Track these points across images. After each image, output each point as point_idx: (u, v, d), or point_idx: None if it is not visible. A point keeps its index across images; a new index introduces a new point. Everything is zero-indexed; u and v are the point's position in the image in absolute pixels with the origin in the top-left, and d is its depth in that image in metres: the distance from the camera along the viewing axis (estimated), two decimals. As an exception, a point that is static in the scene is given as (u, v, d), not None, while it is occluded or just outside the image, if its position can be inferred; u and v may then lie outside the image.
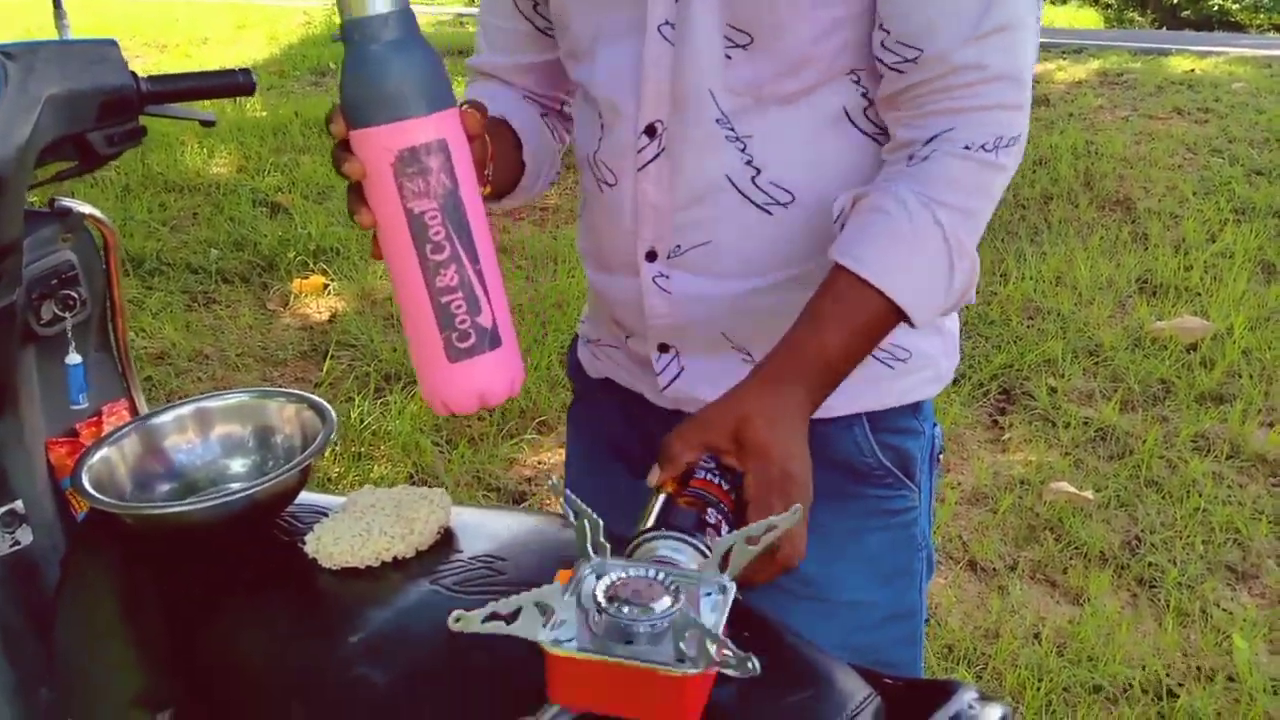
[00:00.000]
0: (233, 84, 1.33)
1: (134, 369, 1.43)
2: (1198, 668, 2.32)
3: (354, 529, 1.00)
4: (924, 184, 0.97)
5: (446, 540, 1.03)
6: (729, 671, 0.83)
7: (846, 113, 1.07)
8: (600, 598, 0.78)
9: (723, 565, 0.83)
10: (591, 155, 1.18)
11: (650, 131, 1.10)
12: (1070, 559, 2.64)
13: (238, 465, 1.14)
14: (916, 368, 1.18)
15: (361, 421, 3.10)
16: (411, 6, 0.89)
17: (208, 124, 1.44)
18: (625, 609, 0.76)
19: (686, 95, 1.08)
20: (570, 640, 0.77)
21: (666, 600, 0.77)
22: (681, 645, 0.75)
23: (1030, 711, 2.17)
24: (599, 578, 0.80)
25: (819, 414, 1.09)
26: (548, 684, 0.78)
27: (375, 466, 2.94)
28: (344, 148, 0.90)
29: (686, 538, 0.85)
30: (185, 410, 1.15)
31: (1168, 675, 2.29)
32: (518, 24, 1.25)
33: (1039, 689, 2.22)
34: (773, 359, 0.96)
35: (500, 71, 1.29)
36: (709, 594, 0.81)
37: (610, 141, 1.14)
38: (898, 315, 0.96)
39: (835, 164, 1.08)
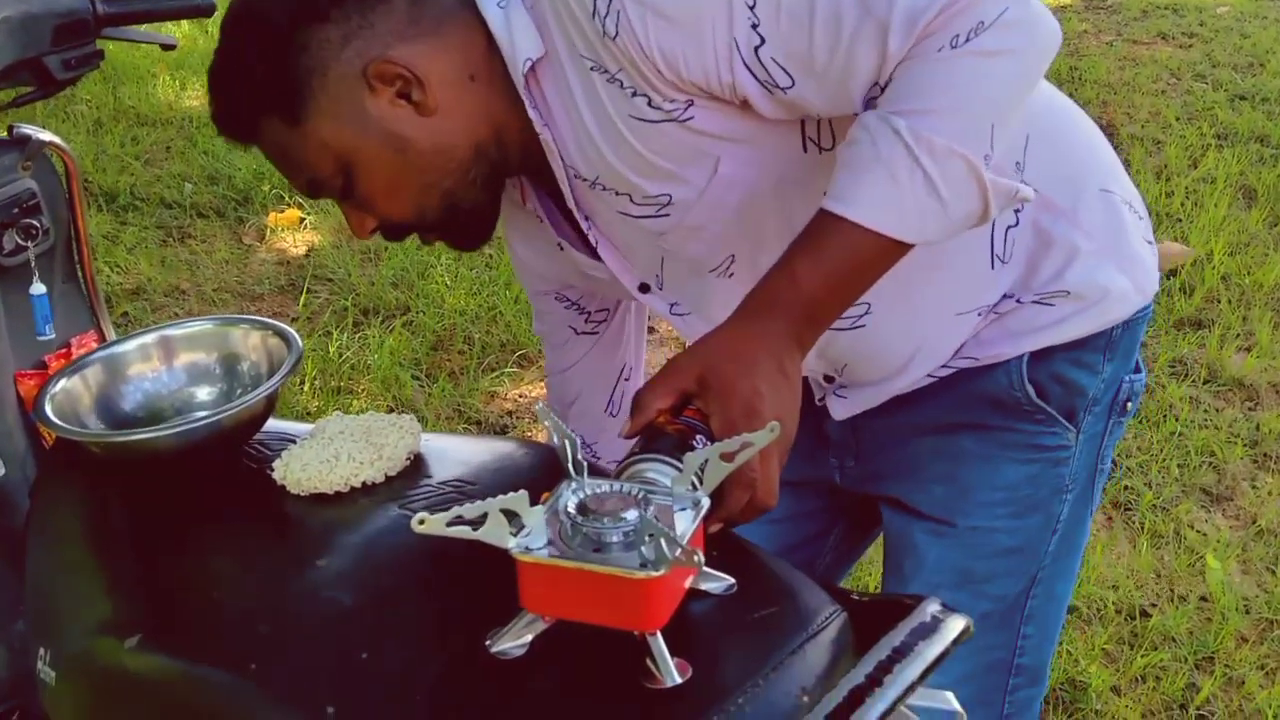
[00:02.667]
0: (191, 5, 1.31)
1: (101, 299, 1.41)
2: (1171, 588, 2.35)
3: (322, 455, 0.99)
4: (885, 101, 0.94)
5: (416, 466, 1.03)
6: (706, 587, 0.84)
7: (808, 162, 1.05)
8: (571, 509, 0.79)
9: (699, 481, 0.84)
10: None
11: None
12: (1047, 483, 2.66)
13: (204, 393, 1.13)
14: (1081, 300, 1.13)
15: (340, 355, 3.09)
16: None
17: (168, 47, 1.41)
18: (592, 519, 0.77)
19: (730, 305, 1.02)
20: (540, 548, 0.78)
21: (635, 512, 0.78)
22: (644, 551, 0.76)
23: (1005, 632, 2.20)
24: (575, 493, 0.81)
25: (977, 357, 1.15)
26: (519, 592, 0.78)
27: (355, 401, 2.93)
28: None
29: (667, 459, 0.86)
30: (148, 339, 1.13)
31: (1141, 596, 2.32)
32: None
33: (1014, 610, 2.25)
34: (747, 300, 0.96)
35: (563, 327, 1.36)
36: (683, 509, 0.82)
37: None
38: (883, 239, 0.92)
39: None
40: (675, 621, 0.77)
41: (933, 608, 0.80)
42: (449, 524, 0.75)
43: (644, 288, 1.17)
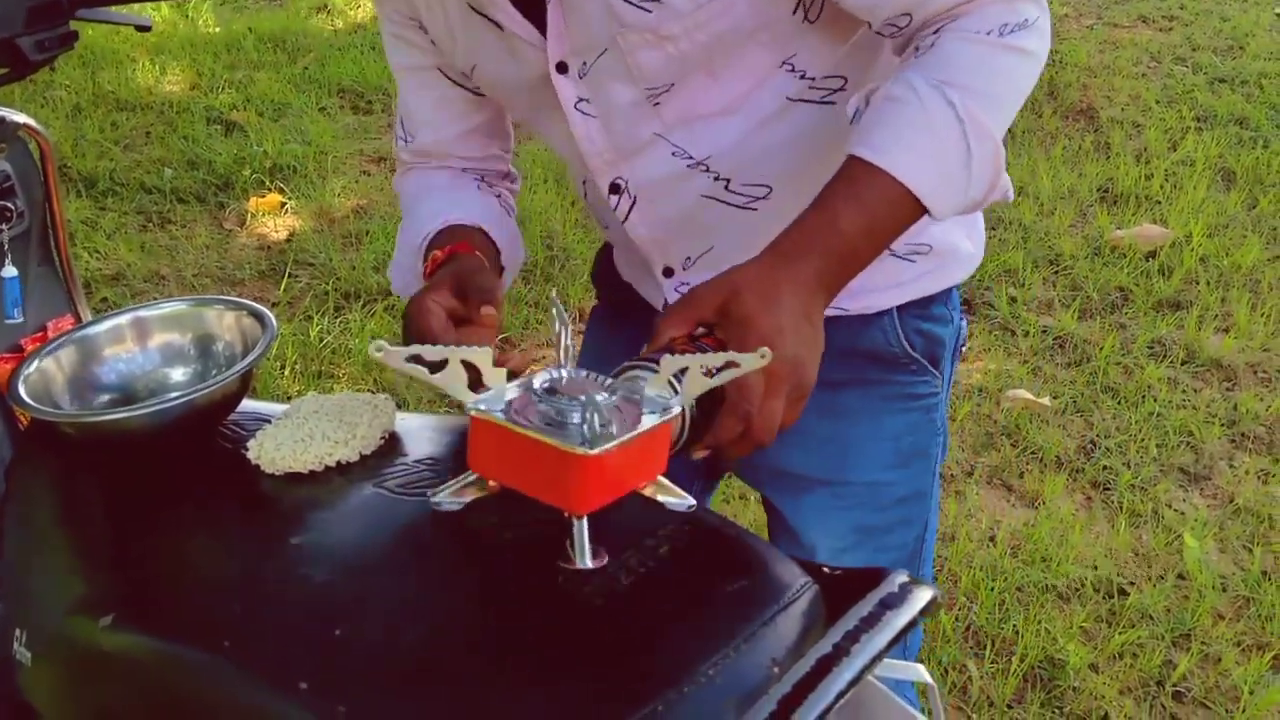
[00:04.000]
0: (165, -14, 1.30)
1: (78, 283, 1.41)
2: (1149, 567, 2.38)
3: (296, 434, 0.99)
4: (932, 68, 0.95)
5: (391, 444, 1.03)
6: (663, 499, 0.85)
7: (790, 99, 1.08)
8: (536, 385, 0.81)
9: (676, 387, 0.83)
10: (583, 199, 1.25)
11: (615, 189, 1.15)
12: (1026, 464, 2.68)
13: (179, 374, 1.13)
14: (939, 258, 1.20)
15: (321, 340, 3.08)
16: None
17: (143, 29, 1.41)
18: (556, 397, 0.79)
19: (632, 149, 1.11)
20: (496, 410, 0.80)
21: (602, 396, 0.79)
22: (585, 430, 0.77)
23: (984, 609, 2.22)
24: (552, 375, 0.83)
25: (846, 308, 1.17)
26: (468, 450, 0.82)
27: (336, 385, 2.93)
28: None
29: (653, 365, 0.85)
30: (122, 320, 1.13)
31: (1119, 574, 2.34)
32: (447, 91, 1.24)
33: (993, 589, 2.26)
34: (782, 238, 0.95)
35: (440, 147, 1.28)
36: (651, 412, 0.82)
37: (592, 194, 1.21)
38: (913, 201, 0.94)
39: (795, 143, 1.08)
40: (648, 590, 0.78)
41: (900, 579, 0.81)
42: (407, 359, 0.77)
43: (563, 67, 1.10)
